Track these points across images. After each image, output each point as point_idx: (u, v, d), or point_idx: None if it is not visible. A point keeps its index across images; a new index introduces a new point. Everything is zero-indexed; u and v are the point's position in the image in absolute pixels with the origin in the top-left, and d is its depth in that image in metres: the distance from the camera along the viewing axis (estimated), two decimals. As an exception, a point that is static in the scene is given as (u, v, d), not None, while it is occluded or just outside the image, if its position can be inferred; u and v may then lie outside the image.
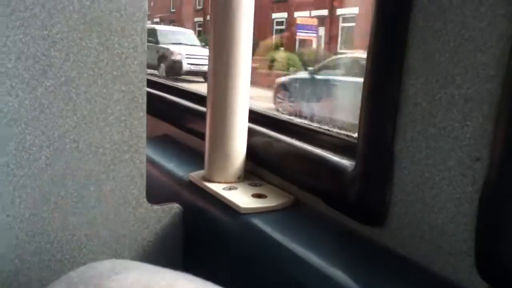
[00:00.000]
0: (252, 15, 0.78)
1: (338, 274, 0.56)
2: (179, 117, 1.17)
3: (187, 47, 11.51)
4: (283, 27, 15.58)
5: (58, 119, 0.66)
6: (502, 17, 0.45)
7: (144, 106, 0.72)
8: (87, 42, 0.66)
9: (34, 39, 0.63)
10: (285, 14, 15.64)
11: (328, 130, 0.79)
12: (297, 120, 0.88)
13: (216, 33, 0.78)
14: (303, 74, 8.64)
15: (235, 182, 0.83)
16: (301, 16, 14.80)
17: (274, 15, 15.75)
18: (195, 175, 0.87)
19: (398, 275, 0.56)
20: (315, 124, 0.83)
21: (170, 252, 0.79)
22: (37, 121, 0.65)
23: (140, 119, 0.71)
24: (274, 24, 15.76)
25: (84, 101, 0.67)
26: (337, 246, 0.64)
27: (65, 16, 0.64)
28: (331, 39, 13.89)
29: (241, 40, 0.77)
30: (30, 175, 0.66)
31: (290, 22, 14.88)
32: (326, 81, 7.00)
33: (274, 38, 14.62)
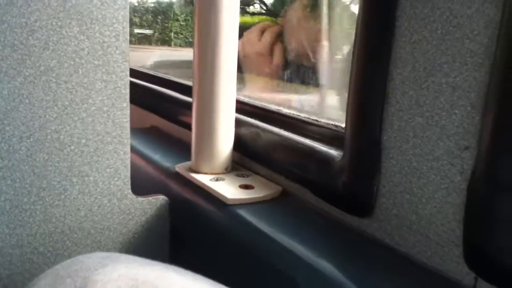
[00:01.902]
0: (238, 4, 0.77)
1: (326, 265, 0.55)
2: (166, 108, 1.15)
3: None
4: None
5: (38, 110, 0.64)
6: (490, 4, 0.44)
7: (127, 96, 0.70)
8: (67, 31, 0.64)
9: (12, 27, 0.61)
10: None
11: (316, 120, 0.78)
12: (285, 111, 0.87)
13: (201, 22, 0.77)
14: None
15: (222, 173, 0.82)
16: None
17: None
18: (181, 166, 0.86)
19: (386, 265, 0.55)
20: (303, 115, 0.82)
21: (156, 244, 0.78)
22: (16, 111, 0.63)
23: (123, 109, 0.70)
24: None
25: (64, 91, 0.65)
26: (325, 237, 0.63)
27: (44, 3, 0.62)
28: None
29: (227, 29, 0.76)
30: (10, 166, 0.64)
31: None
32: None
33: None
